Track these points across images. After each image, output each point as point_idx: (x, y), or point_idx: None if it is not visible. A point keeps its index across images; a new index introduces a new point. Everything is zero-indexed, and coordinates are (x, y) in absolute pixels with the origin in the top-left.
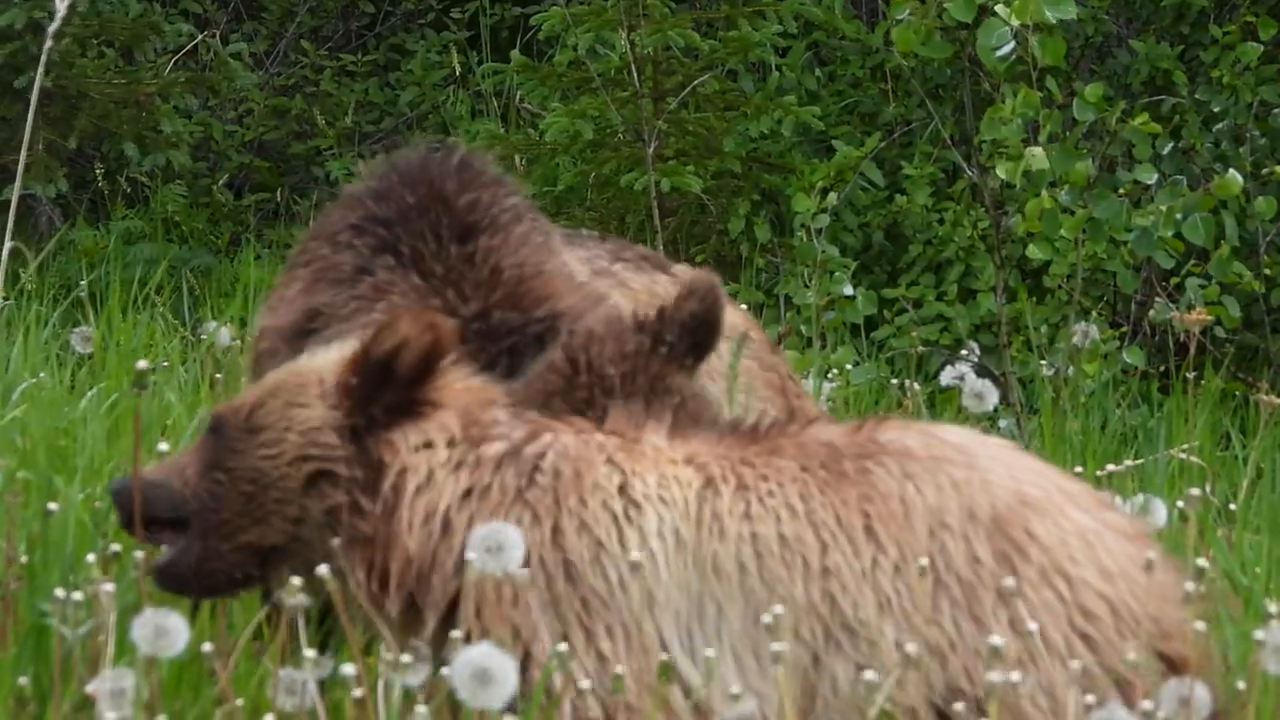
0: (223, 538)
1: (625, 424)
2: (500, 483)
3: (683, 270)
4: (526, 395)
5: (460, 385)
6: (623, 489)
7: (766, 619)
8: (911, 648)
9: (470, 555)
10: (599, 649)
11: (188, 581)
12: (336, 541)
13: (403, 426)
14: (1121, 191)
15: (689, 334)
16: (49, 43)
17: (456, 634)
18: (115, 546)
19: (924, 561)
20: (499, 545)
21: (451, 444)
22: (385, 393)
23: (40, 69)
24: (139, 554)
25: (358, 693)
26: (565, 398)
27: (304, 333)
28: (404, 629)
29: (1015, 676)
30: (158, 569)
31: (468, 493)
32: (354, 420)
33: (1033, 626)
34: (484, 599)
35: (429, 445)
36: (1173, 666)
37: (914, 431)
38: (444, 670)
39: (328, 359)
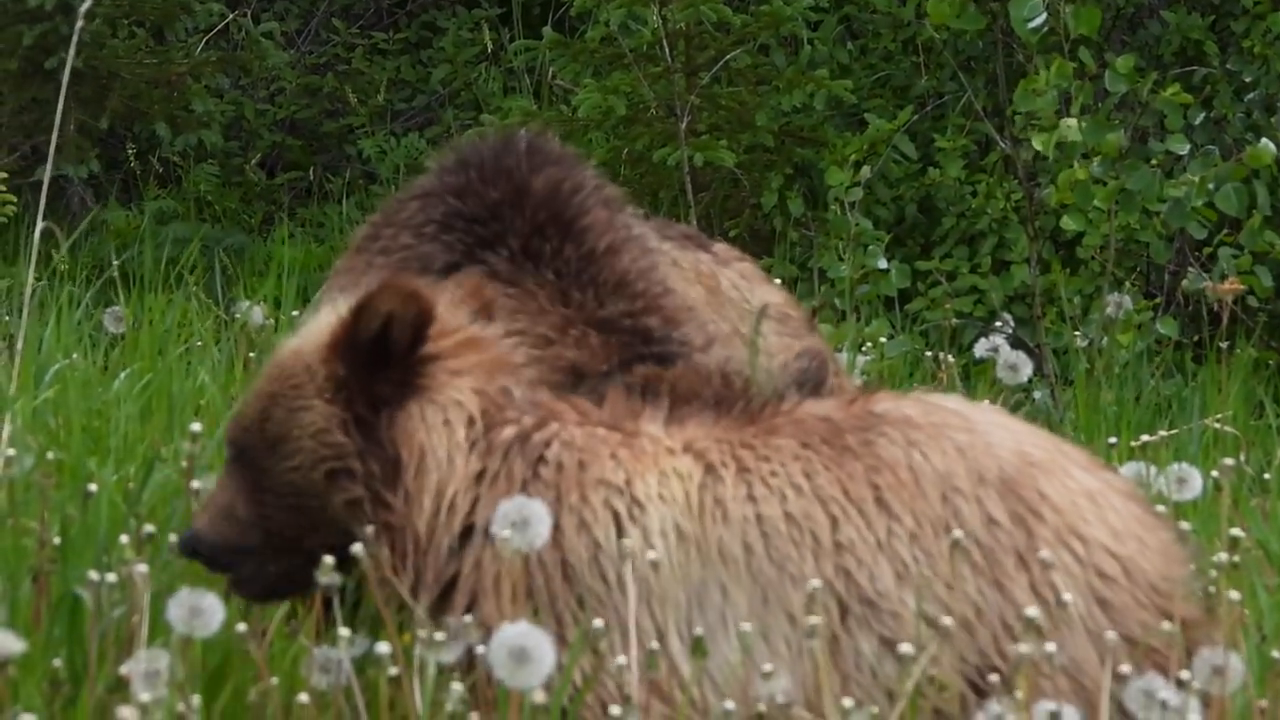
0: (291, 553)
1: (623, 414)
2: (508, 470)
3: (723, 249)
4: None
5: (465, 338)
6: (626, 486)
7: (796, 601)
8: (944, 619)
9: (496, 530)
10: (594, 646)
11: (270, 596)
12: (369, 529)
13: (418, 404)
14: (1154, 162)
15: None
16: (80, 23)
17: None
18: (149, 528)
19: (956, 533)
20: (524, 520)
21: (470, 423)
22: (383, 374)
23: (71, 49)
24: (174, 536)
25: (393, 671)
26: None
27: None
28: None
29: (1050, 647)
30: (237, 586)
31: (479, 476)
32: (357, 411)
33: (1067, 596)
34: (481, 591)
35: (447, 424)
36: (1180, 627)
37: (909, 400)
38: (480, 649)
39: (311, 344)
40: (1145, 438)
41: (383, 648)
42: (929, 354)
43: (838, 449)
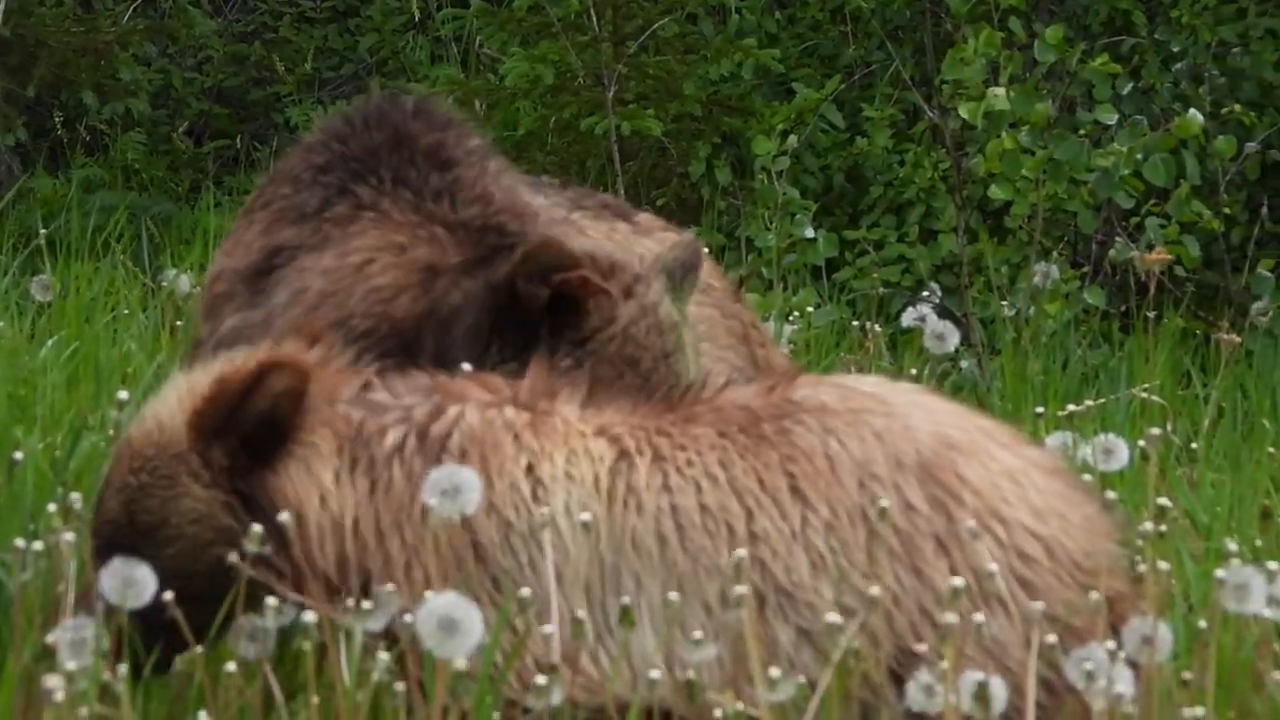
0: (204, 612)
1: (537, 393)
2: (407, 472)
3: (646, 219)
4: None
5: (310, 376)
6: (530, 470)
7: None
8: (861, 607)
9: (427, 499)
10: (512, 625)
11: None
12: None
13: (284, 464)
14: (1082, 132)
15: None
16: None
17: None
18: (75, 496)
19: (873, 520)
20: (455, 487)
21: (337, 454)
22: (252, 446)
23: None
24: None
25: (308, 645)
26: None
27: (265, 271)
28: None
29: (978, 617)
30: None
31: (371, 491)
32: (239, 490)
33: (992, 567)
34: (399, 581)
35: (310, 471)
36: (1106, 603)
37: (828, 386)
38: (408, 618)
39: (171, 427)
40: (1072, 407)
41: (309, 616)
42: (856, 323)
43: (754, 438)
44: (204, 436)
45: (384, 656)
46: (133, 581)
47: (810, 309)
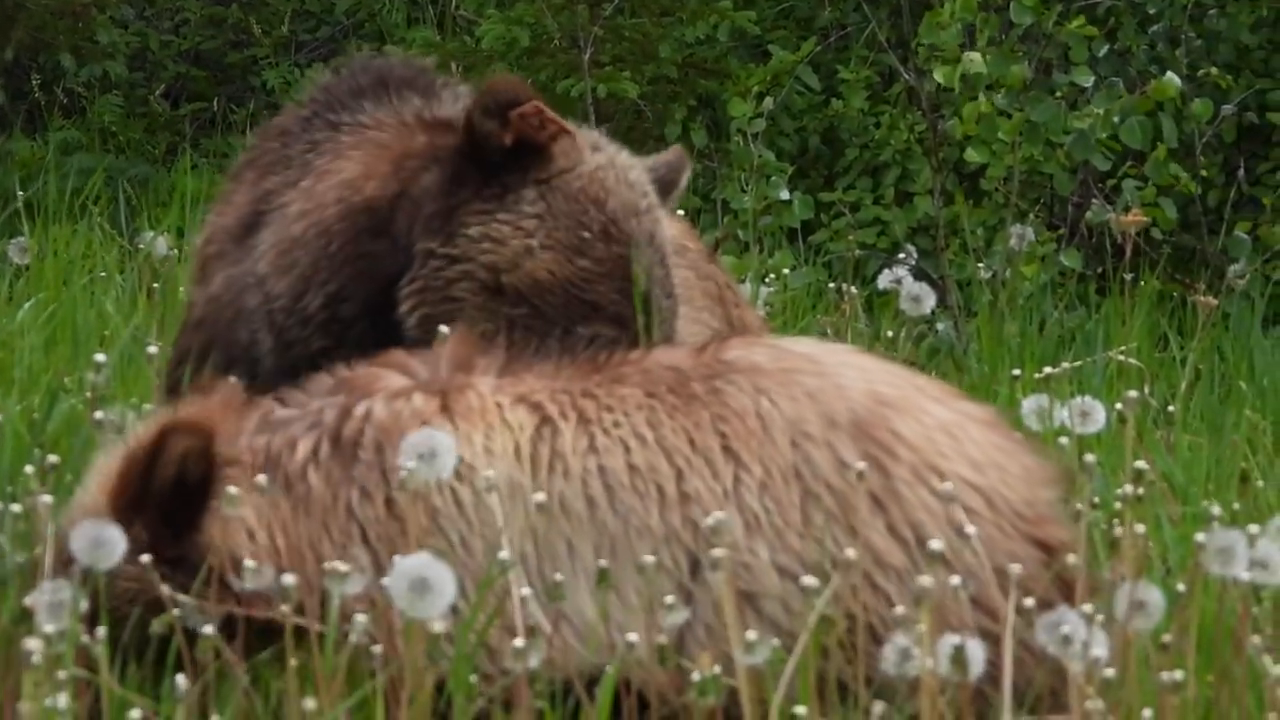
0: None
1: (454, 368)
2: (322, 476)
3: None
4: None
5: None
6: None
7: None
8: (799, 568)
9: (404, 462)
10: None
11: None
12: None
13: (207, 519)
14: (1058, 94)
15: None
16: None
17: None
18: (53, 458)
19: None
20: (432, 451)
21: (251, 489)
22: (179, 515)
23: None
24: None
25: (286, 609)
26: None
27: (253, 225)
28: None
29: (955, 580)
30: None
31: (293, 509)
32: (168, 557)
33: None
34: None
35: (231, 517)
36: (1048, 551)
37: (760, 346)
38: (383, 580)
39: (90, 505)
40: (1049, 370)
41: (288, 579)
42: (832, 286)
43: (684, 398)
44: (124, 516)
45: (361, 619)
46: (102, 542)
47: (786, 271)
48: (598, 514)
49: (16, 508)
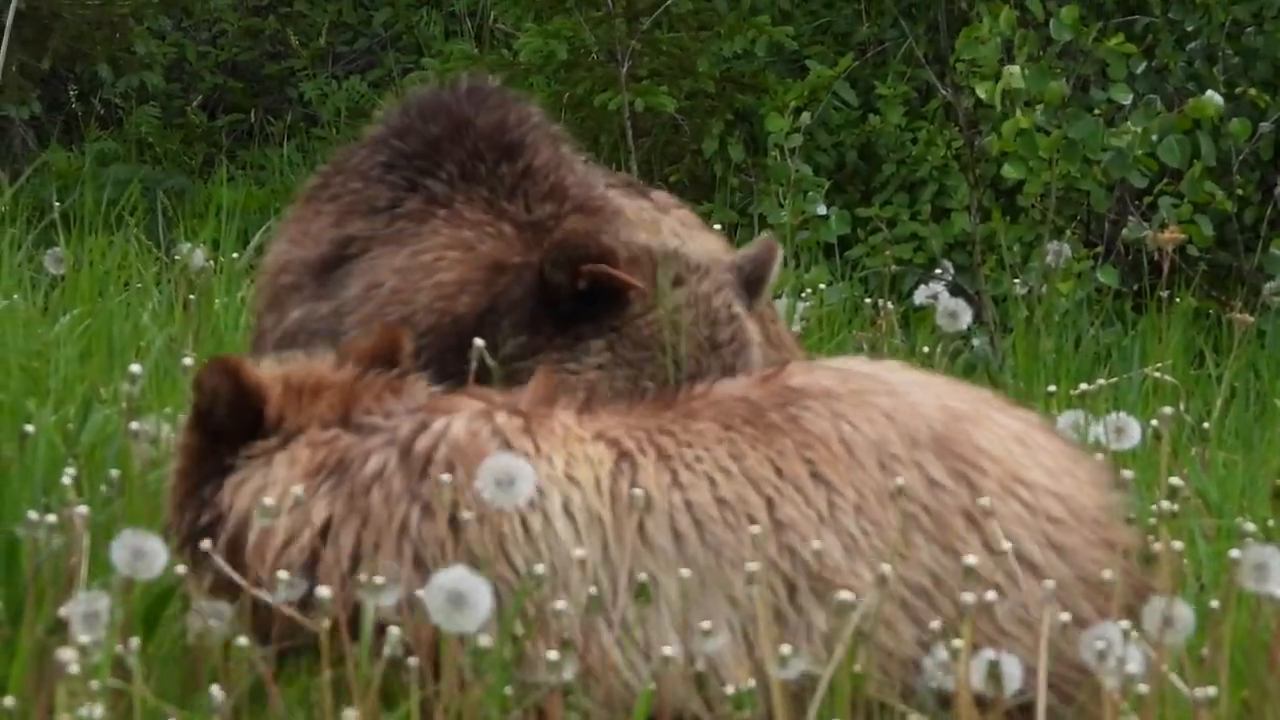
0: None
1: (535, 401)
2: (383, 494)
3: (661, 196)
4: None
5: (303, 390)
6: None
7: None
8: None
9: (480, 487)
10: (511, 633)
11: None
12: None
13: (238, 477)
14: (1096, 111)
15: (742, 276)
16: None
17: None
18: (71, 471)
19: (902, 501)
20: (510, 478)
21: (315, 473)
22: (219, 449)
23: None
24: (113, 472)
25: (326, 623)
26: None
27: (334, 264)
28: None
29: (991, 595)
30: None
31: (349, 510)
32: (201, 479)
33: (1029, 547)
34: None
35: (269, 479)
36: (1120, 554)
37: (824, 370)
38: (418, 593)
39: None
40: (1084, 386)
41: (323, 591)
42: (868, 301)
43: (762, 427)
44: (188, 425)
45: (396, 631)
46: (143, 553)
47: (823, 286)
48: (686, 548)
49: (52, 518)
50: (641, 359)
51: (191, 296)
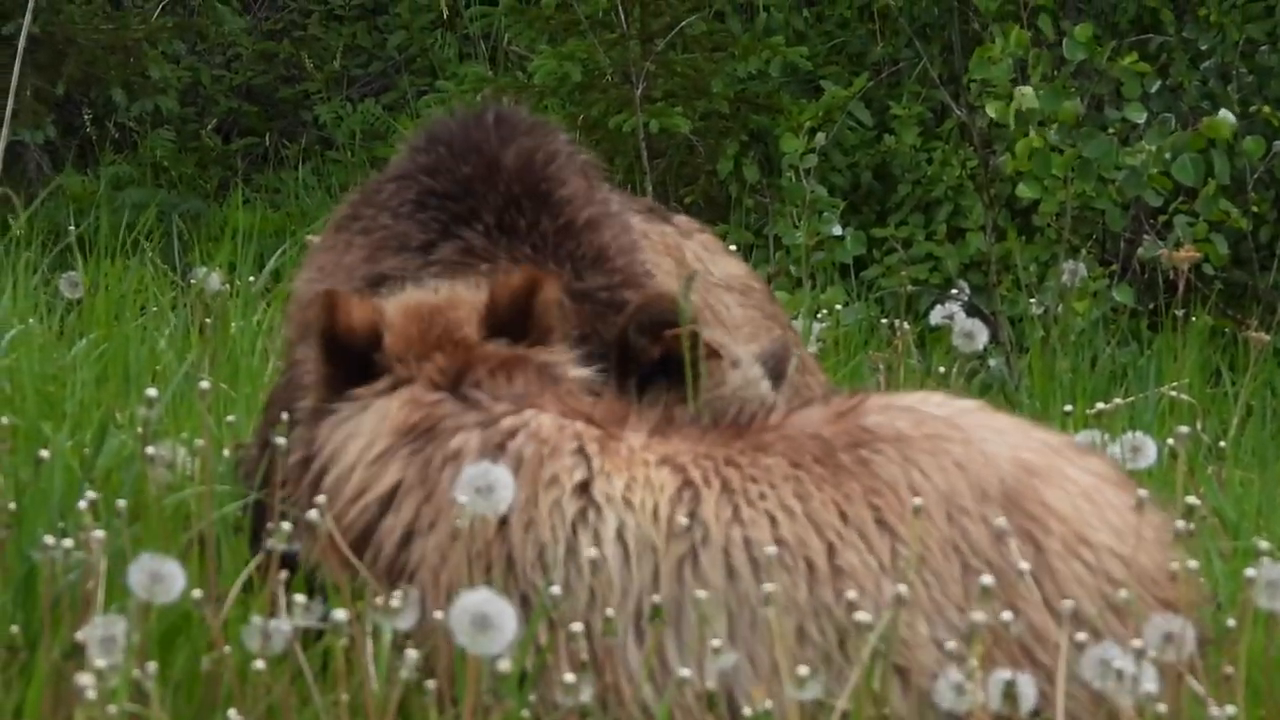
0: None
1: (611, 415)
2: (453, 475)
3: (683, 221)
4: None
5: (427, 342)
6: (584, 487)
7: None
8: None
9: (459, 495)
10: (536, 641)
11: None
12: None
13: (342, 413)
14: (1110, 130)
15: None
16: None
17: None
18: (88, 496)
19: (967, 556)
20: (489, 486)
21: (405, 432)
22: (335, 375)
23: (27, 15)
24: (121, 503)
25: (344, 641)
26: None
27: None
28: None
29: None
30: None
31: (421, 483)
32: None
33: (1087, 607)
34: (424, 585)
35: (353, 436)
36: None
37: (899, 411)
38: (440, 615)
39: None
40: (1101, 406)
41: (338, 614)
42: (884, 321)
43: (831, 468)
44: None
45: (413, 654)
46: (160, 577)
47: (839, 307)
48: (739, 585)
49: (68, 542)
50: None
51: (208, 320)
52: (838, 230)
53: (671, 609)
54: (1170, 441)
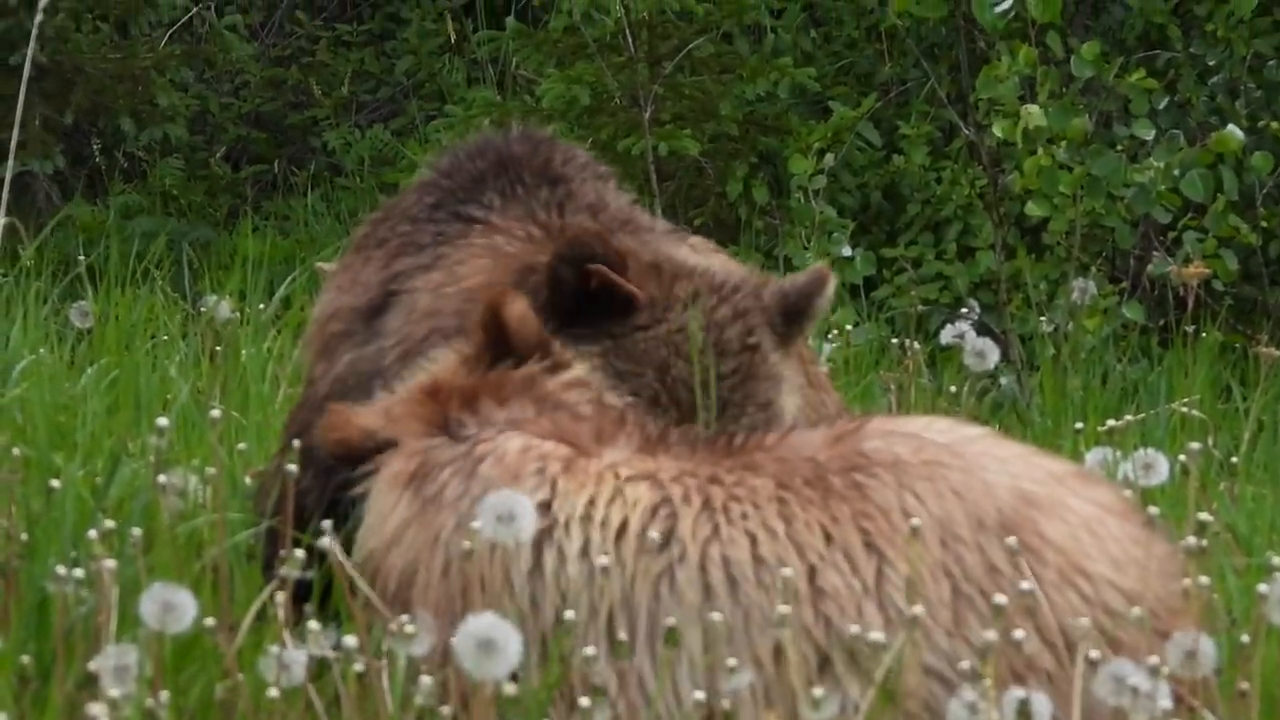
0: None
1: (592, 434)
2: (449, 488)
3: (699, 241)
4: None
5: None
6: (545, 508)
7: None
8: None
9: (479, 524)
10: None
11: None
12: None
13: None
14: (1119, 147)
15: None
16: (39, 16)
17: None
18: (109, 524)
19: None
20: (510, 514)
21: (408, 480)
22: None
23: (31, 44)
24: (136, 531)
25: (359, 667)
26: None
27: (381, 306)
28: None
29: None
30: None
31: (418, 510)
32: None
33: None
34: (409, 604)
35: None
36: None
37: (900, 436)
38: (450, 640)
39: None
40: (1112, 423)
41: (350, 640)
42: (895, 341)
43: (821, 491)
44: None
45: (427, 680)
46: (172, 606)
47: (849, 327)
48: (715, 603)
49: (80, 572)
50: (634, 374)
51: (218, 348)
52: (847, 251)
53: (647, 626)
54: (1182, 458)
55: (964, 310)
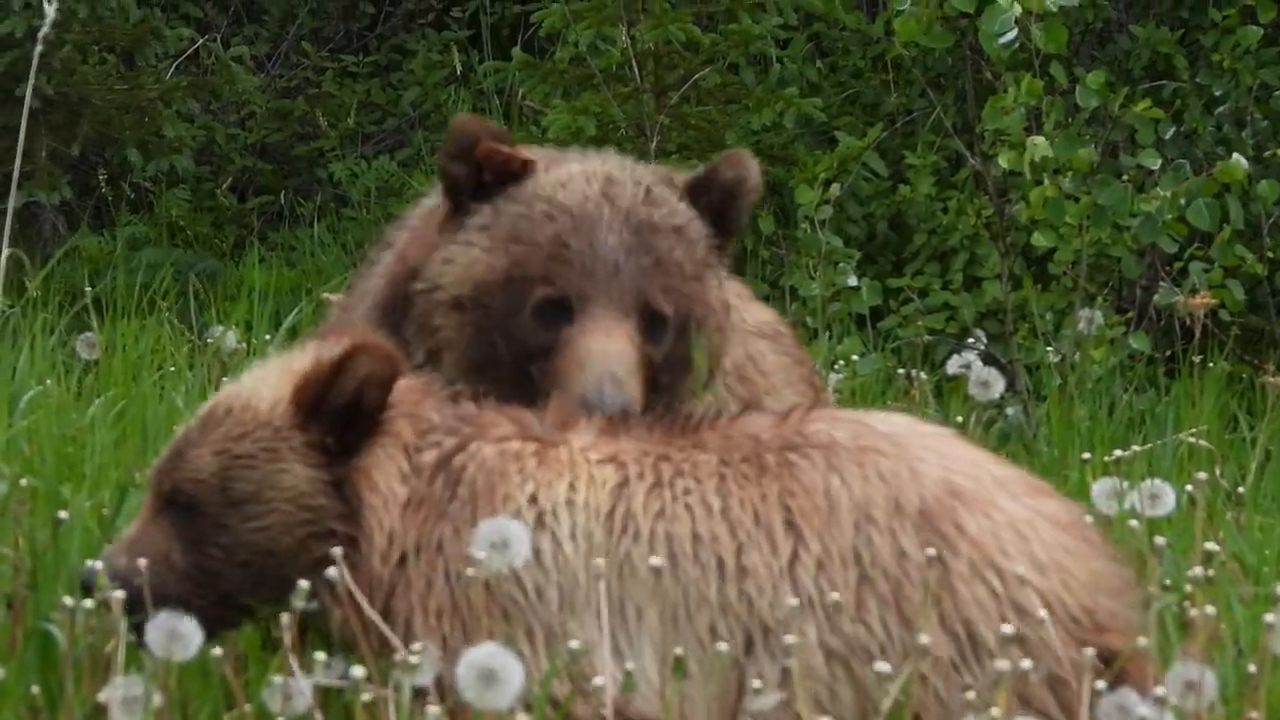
0: (227, 605)
1: (555, 425)
2: (430, 494)
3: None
4: None
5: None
6: (533, 499)
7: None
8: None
9: (476, 552)
10: (520, 653)
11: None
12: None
13: (376, 447)
14: (1125, 177)
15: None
16: (39, 47)
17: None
18: None
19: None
20: (504, 541)
21: (406, 451)
22: (352, 430)
23: (32, 74)
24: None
25: (367, 696)
26: None
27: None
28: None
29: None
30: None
31: (406, 503)
32: (337, 473)
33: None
34: (410, 610)
35: (392, 457)
36: (1106, 661)
37: (843, 421)
38: (453, 669)
39: (270, 401)
40: (1119, 453)
41: (357, 671)
42: (901, 371)
43: (756, 468)
44: (305, 415)
45: (434, 710)
46: (178, 635)
47: (855, 357)
48: (663, 581)
49: (88, 604)
50: (519, 211)
51: (224, 379)
52: (853, 281)
53: (617, 604)
54: (1189, 488)
55: (970, 340)
